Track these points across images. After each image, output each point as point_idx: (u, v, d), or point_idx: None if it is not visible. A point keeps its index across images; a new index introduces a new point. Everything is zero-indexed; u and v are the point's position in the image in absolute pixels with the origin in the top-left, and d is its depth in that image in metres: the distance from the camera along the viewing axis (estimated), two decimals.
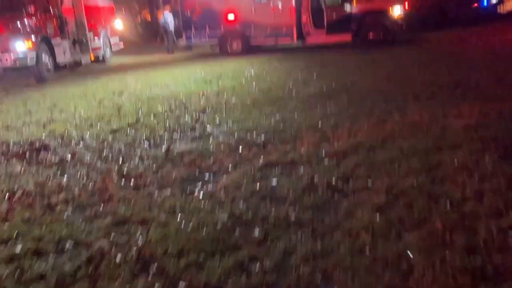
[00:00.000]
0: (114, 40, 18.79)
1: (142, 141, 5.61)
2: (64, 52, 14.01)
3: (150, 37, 28.39)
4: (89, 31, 16.06)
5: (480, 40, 13.62)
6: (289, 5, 15.09)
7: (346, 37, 14.95)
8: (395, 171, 3.95)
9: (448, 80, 7.85)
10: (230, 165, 4.47)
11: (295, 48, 15.80)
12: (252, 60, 13.79)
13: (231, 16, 15.66)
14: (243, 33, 15.75)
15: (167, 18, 18.58)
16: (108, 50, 17.87)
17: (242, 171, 4.26)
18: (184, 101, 8.12)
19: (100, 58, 17.05)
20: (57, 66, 13.39)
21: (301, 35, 15.43)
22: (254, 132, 5.61)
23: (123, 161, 4.87)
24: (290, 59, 13.39)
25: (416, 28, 16.55)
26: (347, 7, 14.77)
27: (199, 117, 6.73)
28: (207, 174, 4.29)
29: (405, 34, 15.29)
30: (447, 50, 12.12)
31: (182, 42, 16.79)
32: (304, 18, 15.27)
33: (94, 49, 16.33)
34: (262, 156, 4.64)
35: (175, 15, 18.38)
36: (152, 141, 5.59)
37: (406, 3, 15.26)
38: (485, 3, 23.70)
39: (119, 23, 38.27)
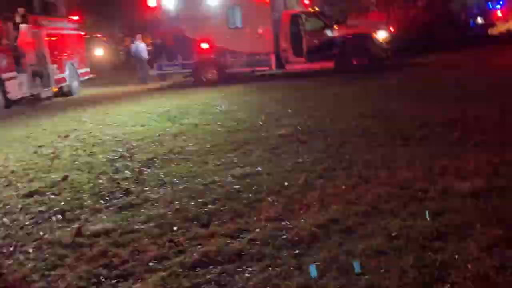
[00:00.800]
0: (82, 70, 17.60)
1: (53, 214, 4.31)
2: (19, 87, 12.74)
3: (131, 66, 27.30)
4: (52, 62, 14.87)
5: (473, 64, 12.65)
6: (267, 31, 14.05)
7: (328, 64, 13.92)
8: (380, 277, 2.70)
9: (442, 116, 6.69)
10: (150, 261, 3.19)
11: (274, 76, 14.72)
12: (227, 91, 12.65)
13: (204, 45, 14.58)
14: (218, 61, 14.65)
15: (139, 46, 17.47)
16: (75, 81, 16.66)
17: (162, 275, 2.97)
18: (133, 147, 6.86)
19: (65, 90, 15.84)
20: (10, 102, 12.10)
21: (280, 63, 14.36)
22: (202, 198, 4.35)
23: (10, 253, 3.57)
24: (267, 89, 12.26)
25: (403, 52, 15.59)
26: (328, 32, 13.77)
27: (141, 172, 5.46)
28: (112, 281, 3.00)
29: (391, 58, 14.31)
30: (438, 77, 11.07)
31: (153, 72, 15.65)
32: (282, 44, 14.23)
33: (57, 82, 15.12)
34: (199, 245, 3.37)
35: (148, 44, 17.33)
36: (66, 214, 4.29)
37: (391, 26, 14.36)
38: (472, 24, 23.18)
39: (99, 51, 37.31)
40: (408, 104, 7.92)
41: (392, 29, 14.29)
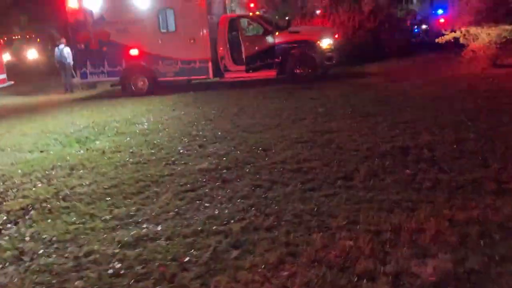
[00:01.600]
0: None
1: None
2: None
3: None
4: None
5: (418, 74, 11.96)
6: (203, 36, 12.75)
7: (270, 73, 12.84)
8: None
9: (391, 143, 5.71)
10: None
11: (212, 84, 13.45)
12: (156, 103, 11.26)
13: (133, 51, 13.09)
14: (149, 69, 13.19)
15: (64, 51, 15.67)
16: None
17: None
18: (12, 186, 5.41)
19: None
20: None
21: (218, 71, 13.11)
22: None
23: None
24: (200, 101, 10.98)
25: (348, 60, 14.80)
26: (270, 39, 12.68)
27: (3, 229, 4.07)
28: None
29: (336, 67, 13.45)
30: (383, 89, 10.22)
31: (76, 79, 13.96)
32: (221, 51, 12.99)
33: None
34: None
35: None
36: None
37: (336, 33, 13.50)
38: (416, 30, 22.98)
39: (33, 53, 34.44)
40: (350, 124, 6.92)
41: (336, 36, 13.43)
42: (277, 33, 12.63)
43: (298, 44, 12.73)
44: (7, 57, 35.05)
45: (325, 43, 12.67)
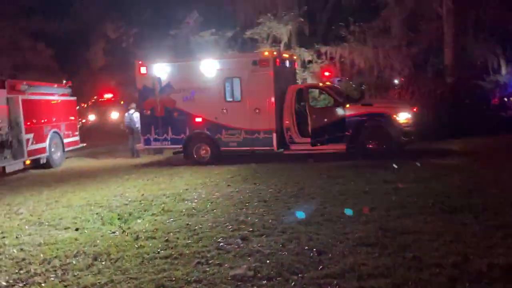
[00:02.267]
0: (70, 139, 16.02)
1: None
2: None
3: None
4: (28, 131, 13.28)
5: None
6: (269, 105, 12.13)
7: (339, 147, 11.78)
8: None
9: (487, 258, 4.33)
10: None
11: (276, 156, 12.58)
12: (213, 175, 10.56)
13: (198, 119, 12.74)
14: (212, 138, 12.72)
15: (133, 116, 15.84)
16: (58, 152, 15.00)
17: None
18: (25, 277, 4.70)
19: (43, 161, 14.11)
20: None
21: (283, 143, 12.30)
22: None
23: None
24: (259, 176, 10.09)
25: (429, 136, 13.37)
26: (340, 111, 11.75)
27: None
28: None
29: (415, 144, 12.07)
30: (473, 175, 8.68)
31: (140, 145, 13.79)
32: (287, 122, 12.24)
33: (32, 153, 13.44)
34: None
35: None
36: None
37: (415, 107, 12.26)
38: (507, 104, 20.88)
39: (115, 115, 36.34)
40: (431, 223, 5.58)
41: (415, 110, 12.20)
42: (348, 105, 11.69)
43: (371, 117, 11.66)
44: (92, 117, 37.47)
45: (403, 117, 11.48)
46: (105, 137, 23.37)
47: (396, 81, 18.39)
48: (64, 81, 17.10)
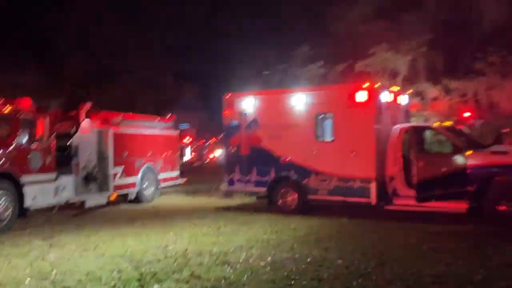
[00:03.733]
0: (166, 175, 15.53)
1: None
2: (52, 193, 10.72)
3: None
4: (117, 164, 12.99)
5: None
6: (367, 147, 9.94)
7: (457, 207, 9.01)
8: None
9: None
10: None
11: (375, 211, 10.19)
12: (284, 230, 8.71)
13: (285, 160, 11.06)
14: (299, 183, 10.87)
15: None
16: (151, 187, 14.53)
17: None
18: None
19: (132, 197, 13.69)
20: (23, 212, 9.98)
21: (384, 195, 9.91)
22: None
23: None
24: (339, 238, 7.91)
25: None
26: (459, 159, 9.02)
27: None
28: None
29: None
30: None
31: (223, 186, 12.50)
32: (390, 169, 9.86)
33: (119, 187, 13.07)
34: None
35: None
36: None
37: None
38: None
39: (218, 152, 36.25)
40: None
41: None
42: (470, 152, 8.92)
43: (505, 169, 8.71)
44: (218, 153, 38.24)
45: None
46: (208, 174, 22.92)
47: None
48: (169, 115, 16.95)
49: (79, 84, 24.50)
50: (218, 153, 35.93)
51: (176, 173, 16.33)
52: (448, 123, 10.96)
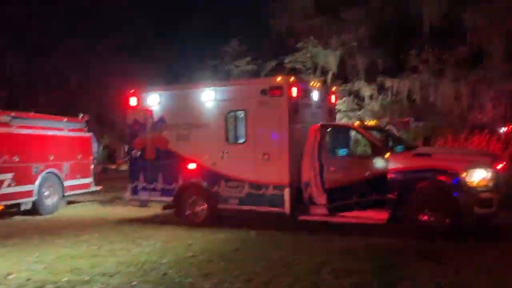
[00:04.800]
0: (74, 182, 13.78)
1: None
2: None
3: None
4: (5, 171, 11.19)
5: None
6: (281, 149, 8.72)
7: (376, 217, 7.92)
8: None
9: None
10: None
11: (292, 224, 8.98)
12: (176, 248, 7.31)
13: (192, 165, 9.69)
14: (208, 191, 9.52)
15: None
16: (55, 197, 12.75)
17: None
18: None
19: (26, 207, 11.88)
20: None
21: (299, 204, 8.70)
22: None
23: None
24: (233, 258, 6.63)
25: None
26: (379, 162, 7.94)
27: None
28: None
29: (496, 216, 7.81)
30: None
31: (127, 196, 10.96)
32: (306, 173, 8.66)
33: (8, 197, 11.25)
34: None
35: None
36: None
37: (500, 162, 8.04)
38: None
39: None
40: None
41: (502, 165, 7.98)
42: (388, 154, 7.84)
43: (428, 174, 7.69)
44: None
45: (478, 175, 7.36)
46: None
47: (503, 129, 13.78)
48: (81, 115, 15.19)
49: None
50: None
51: (88, 179, 14.55)
52: (373, 122, 9.93)
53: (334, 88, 10.70)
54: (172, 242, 7.82)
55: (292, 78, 8.88)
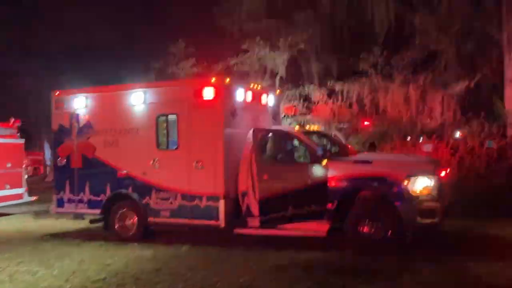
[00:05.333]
0: (4, 192, 12.67)
1: None
2: None
3: None
4: None
5: None
6: (215, 157, 8.02)
7: (316, 230, 7.33)
8: None
9: None
10: None
11: (230, 238, 8.28)
12: (102, 267, 6.54)
13: (121, 174, 8.85)
14: (139, 203, 8.71)
15: None
16: None
17: None
18: None
19: None
20: None
21: (236, 216, 8.02)
22: None
23: None
24: (152, 279, 5.88)
25: (474, 211, 8.62)
26: (317, 170, 7.37)
27: None
28: None
29: (440, 225, 7.40)
30: None
31: (52, 208, 9.98)
32: (243, 182, 7.98)
33: None
34: None
35: None
36: None
37: (443, 169, 7.64)
38: None
39: None
40: None
41: (445, 172, 7.58)
42: (330, 161, 7.28)
43: (368, 182, 7.18)
44: None
45: (420, 183, 6.89)
46: None
47: (457, 134, 13.52)
48: (12, 120, 14.02)
49: None
50: None
51: (19, 190, 13.47)
52: (315, 127, 9.40)
53: (278, 91, 10.13)
54: (89, 262, 6.97)
55: (227, 79, 8.22)
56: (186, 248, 7.78)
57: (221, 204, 7.93)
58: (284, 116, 14.09)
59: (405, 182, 6.84)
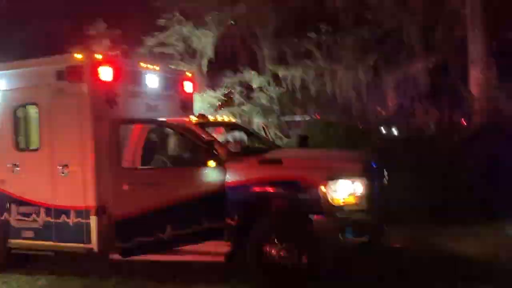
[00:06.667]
0: None
1: None
2: None
3: None
4: None
5: None
6: (83, 157, 5.99)
7: (215, 251, 5.46)
8: None
9: None
10: None
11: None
12: None
13: None
14: None
15: None
16: None
17: None
18: None
19: None
20: None
21: (120, 235, 6.06)
22: None
23: None
24: None
25: (421, 214, 6.94)
26: (211, 173, 5.47)
27: None
28: None
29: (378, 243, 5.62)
30: None
31: None
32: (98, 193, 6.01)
33: None
34: None
35: None
36: None
37: (371, 169, 5.83)
38: None
39: None
40: None
41: (383, 174, 5.77)
42: (213, 163, 5.37)
43: (276, 188, 5.30)
44: None
45: (344, 189, 5.06)
46: None
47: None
48: None
49: None
50: None
51: None
52: (229, 118, 7.48)
53: (189, 73, 8.16)
54: None
55: (99, 55, 6.21)
56: (44, 281, 5.81)
57: (93, 221, 5.96)
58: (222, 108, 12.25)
59: (322, 188, 5.00)
